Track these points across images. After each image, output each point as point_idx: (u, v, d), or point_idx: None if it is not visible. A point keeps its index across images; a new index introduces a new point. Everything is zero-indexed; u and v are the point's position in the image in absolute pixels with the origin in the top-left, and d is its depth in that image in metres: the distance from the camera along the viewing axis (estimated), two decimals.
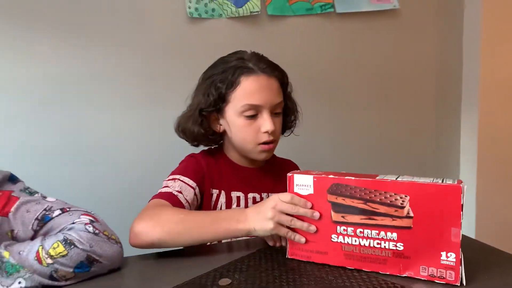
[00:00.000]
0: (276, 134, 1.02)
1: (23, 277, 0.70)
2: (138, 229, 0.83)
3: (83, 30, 1.51)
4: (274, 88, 1.00)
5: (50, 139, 1.51)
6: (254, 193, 1.06)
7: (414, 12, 1.87)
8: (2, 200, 0.77)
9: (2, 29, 1.44)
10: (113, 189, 1.56)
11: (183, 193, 0.96)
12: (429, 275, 0.69)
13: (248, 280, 0.72)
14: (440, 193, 0.67)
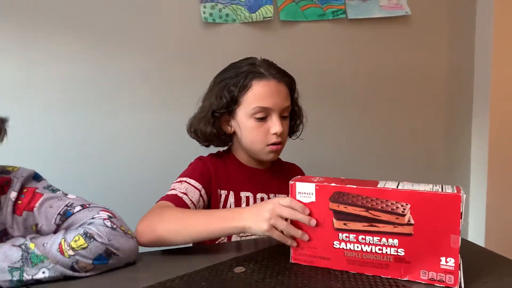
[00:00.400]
0: (284, 136, 1.08)
1: (46, 267, 0.74)
2: (140, 228, 0.89)
3: (98, 34, 1.55)
4: (283, 93, 1.05)
5: (61, 140, 1.56)
6: (262, 193, 1.10)
7: (425, 18, 1.87)
8: (28, 196, 0.83)
9: (13, 31, 1.48)
10: (122, 189, 1.60)
11: (188, 194, 1.01)
12: (429, 279, 0.71)
13: (261, 269, 0.79)
14: (440, 202, 0.68)
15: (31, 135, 1.51)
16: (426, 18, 1.87)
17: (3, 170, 0.85)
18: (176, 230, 0.88)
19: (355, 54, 1.82)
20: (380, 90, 1.88)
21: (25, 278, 0.73)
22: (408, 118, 1.94)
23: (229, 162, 1.12)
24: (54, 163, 1.53)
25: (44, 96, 1.53)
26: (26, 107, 1.51)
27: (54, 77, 1.53)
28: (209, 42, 1.65)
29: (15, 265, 0.73)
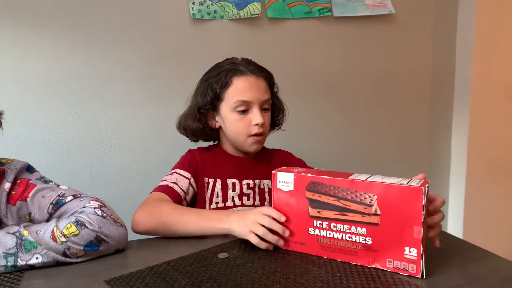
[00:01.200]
0: (266, 127, 1.15)
1: (40, 253, 0.79)
2: (137, 218, 1.00)
3: (89, 30, 1.59)
4: (261, 87, 1.14)
5: (62, 133, 1.60)
6: (248, 179, 1.19)
7: (409, 17, 1.93)
8: (21, 187, 0.87)
9: (5, 27, 1.51)
10: (112, 181, 1.65)
11: (178, 183, 1.12)
12: (394, 267, 0.77)
13: (244, 254, 0.86)
14: (403, 194, 0.74)
15: (23, 130, 1.55)
16: (409, 16, 1.93)
17: None
18: (170, 224, 0.98)
19: (341, 51, 1.87)
20: (365, 86, 1.93)
21: (19, 264, 0.78)
22: (392, 114, 2.00)
23: (217, 154, 1.21)
24: (46, 156, 1.57)
25: (36, 90, 1.56)
26: (17, 102, 1.54)
27: (45, 72, 1.56)
28: (197, 38, 1.69)
29: (10, 251, 0.78)
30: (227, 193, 1.17)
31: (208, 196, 1.17)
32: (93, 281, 0.76)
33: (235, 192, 1.17)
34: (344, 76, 1.90)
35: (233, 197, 1.17)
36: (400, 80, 1.98)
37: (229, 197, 1.17)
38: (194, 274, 0.77)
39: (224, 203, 1.17)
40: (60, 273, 0.79)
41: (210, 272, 0.78)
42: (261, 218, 0.88)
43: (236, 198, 1.17)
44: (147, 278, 0.76)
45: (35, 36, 1.54)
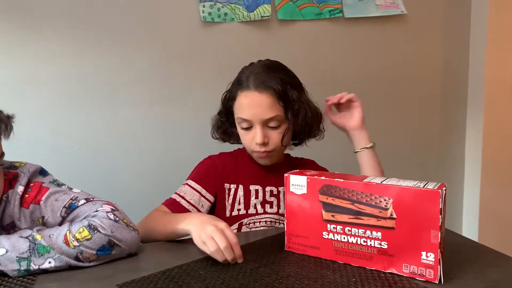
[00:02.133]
0: (272, 146, 1.07)
1: (52, 257, 0.79)
2: (138, 226, 0.98)
3: (99, 32, 1.60)
4: (264, 104, 1.03)
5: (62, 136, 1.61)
6: (271, 186, 1.15)
7: (421, 17, 1.90)
8: (34, 190, 0.87)
9: (15, 30, 1.53)
10: (121, 184, 1.66)
11: (185, 197, 1.10)
12: (410, 272, 0.75)
13: (256, 259, 0.85)
14: (420, 197, 0.72)
15: (33, 132, 1.56)
16: (421, 16, 1.91)
17: (10, 166, 0.89)
18: (151, 231, 0.99)
19: (352, 52, 1.86)
20: (376, 88, 1.91)
21: (32, 268, 0.78)
22: (403, 116, 1.97)
23: (241, 159, 1.17)
24: (55, 159, 1.58)
25: (46, 93, 1.57)
26: (28, 104, 1.56)
27: (55, 74, 1.57)
28: (208, 41, 1.69)
29: (23, 255, 0.78)
30: (249, 200, 1.14)
31: (229, 203, 1.13)
32: (106, 285, 0.76)
33: (258, 199, 1.14)
34: (355, 77, 1.88)
35: (256, 204, 1.14)
36: (412, 81, 1.96)
37: (252, 204, 1.14)
38: (207, 279, 0.76)
39: (246, 210, 1.13)
40: (73, 277, 0.79)
41: (223, 276, 0.77)
42: (218, 237, 0.82)
43: (258, 205, 1.14)
44: (159, 283, 0.75)
45: (47, 39, 1.55)
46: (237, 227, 1.13)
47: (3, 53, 1.52)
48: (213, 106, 1.20)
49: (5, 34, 1.51)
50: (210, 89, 1.68)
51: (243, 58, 1.73)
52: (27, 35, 1.54)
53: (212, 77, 1.71)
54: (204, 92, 1.71)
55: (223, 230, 0.84)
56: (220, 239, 0.82)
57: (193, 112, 1.71)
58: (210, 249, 0.82)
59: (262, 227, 1.13)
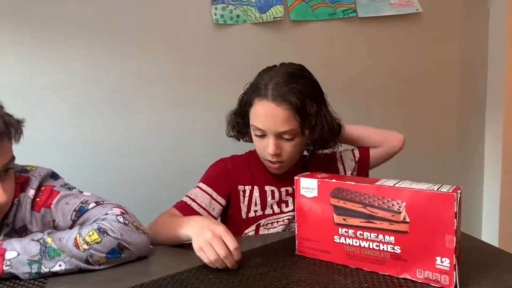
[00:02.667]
0: (284, 157, 1.05)
1: (63, 260, 0.79)
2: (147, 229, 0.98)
3: (114, 36, 1.61)
4: (279, 117, 1.00)
5: (87, 138, 1.62)
6: (286, 186, 1.13)
7: (437, 15, 1.86)
8: (45, 194, 0.88)
9: (37, 36, 1.55)
10: (136, 186, 1.66)
11: (196, 200, 1.09)
12: (425, 278, 0.73)
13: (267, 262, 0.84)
14: (434, 201, 0.70)
15: (50, 134, 1.58)
16: (437, 15, 1.86)
17: (22, 169, 0.90)
18: (157, 234, 0.98)
19: (366, 52, 1.83)
20: (392, 89, 1.88)
21: (43, 271, 0.79)
22: (420, 117, 1.93)
23: (254, 160, 1.16)
24: (71, 161, 1.59)
25: (62, 97, 1.59)
26: (44, 108, 1.57)
27: (71, 78, 1.59)
28: (220, 42, 1.69)
29: (34, 258, 0.78)
30: (265, 200, 1.13)
31: (245, 204, 1.13)
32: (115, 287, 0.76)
33: (274, 199, 1.13)
34: (370, 77, 1.85)
35: (272, 205, 1.13)
36: (429, 82, 1.91)
37: (268, 204, 1.12)
38: (216, 283, 0.75)
39: (263, 211, 1.12)
40: (83, 280, 0.79)
41: (232, 281, 0.76)
42: (216, 243, 0.80)
43: (275, 205, 1.13)
44: (168, 286, 0.75)
45: (63, 44, 1.57)
46: (254, 229, 1.12)
47: (21, 59, 1.54)
48: (225, 109, 1.19)
49: (23, 40, 1.54)
50: (223, 91, 1.68)
51: (256, 60, 1.72)
52: (46, 42, 1.56)
53: (224, 79, 1.71)
54: (217, 94, 1.70)
55: (222, 235, 0.82)
56: (219, 247, 0.79)
57: (206, 114, 1.71)
58: (210, 258, 0.79)
59: (280, 226, 1.11)
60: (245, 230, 1.13)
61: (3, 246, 0.78)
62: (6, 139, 0.77)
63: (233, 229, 1.11)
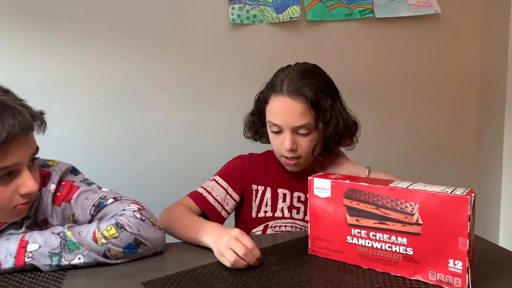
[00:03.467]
0: (300, 153, 1.06)
1: (82, 253, 0.82)
2: (159, 218, 1.05)
3: (134, 35, 1.64)
4: (295, 111, 1.02)
5: (107, 135, 1.66)
6: (300, 192, 1.14)
7: (456, 17, 1.84)
8: (66, 188, 0.91)
9: (58, 34, 1.59)
10: (153, 183, 1.69)
11: (212, 193, 1.11)
12: (437, 280, 0.73)
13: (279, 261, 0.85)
14: (447, 203, 0.70)
15: (71, 130, 1.62)
16: (457, 16, 1.84)
17: (44, 164, 0.93)
18: (173, 228, 1.02)
19: (383, 54, 1.82)
20: (410, 91, 1.87)
21: (62, 263, 0.81)
22: (437, 119, 1.92)
23: (271, 161, 1.17)
24: (88, 158, 1.63)
25: (81, 94, 1.63)
26: (63, 105, 1.61)
27: (90, 76, 1.63)
28: (237, 42, 1.71)
29: (54, 251, 0.81)
30: (277, 203, 1.14)
31: (256, 204, 1.14)
32: (131, 282, 0.78)
33: (285, 203, 1.14)
34: (386, 79, 1.84)
35: (283, 208, 1.13)
36: (447, 84, 1.90)
37: (279, 207, 1.13)
38: (229, 280, 0.77)
39: (272, 212, 1.13)
40: (100, 273, 0.82)
41: (245, 278, 0.77)
42: (234, 244, 0.82)
43: (285, 209, 1.13)
44: (182, 282, 0.76)
45: (83, 43, 1.61)
46: (262, 229, 1.13)
47: (41, 56, 1.58)
48: (242, 108, 1.20)
49: (44, 38, 1.58)
50: (239, 91, 1.70)
51: (272, 60, 1.73)
52: (67, 39, 1.60)
53: (241, 79, 1.72)
54: (233, 94, 1.72)
55: (238, 237, 0.84)
56: (238, 246, 0.82)
57: (222, 114, 1.73)
58: (229, 259, 0.81)
59: (287, 232, 1.12)
60: (253, 229, 1.14)
61: (25, 239, 0.81)
62: (31, 131, 0.80)
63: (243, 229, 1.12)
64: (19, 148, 0.77)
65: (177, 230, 1.01)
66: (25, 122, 0.76)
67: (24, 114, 0.76)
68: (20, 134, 0.76)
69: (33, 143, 0.82)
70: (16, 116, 0.75)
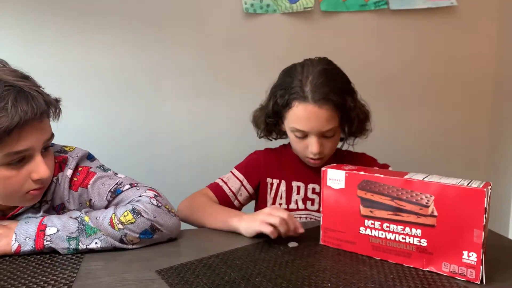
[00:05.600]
0: (325, 153, 1.08)
1: (99, 238, 0.84)
2: (179, 206, 1.11)
3: (149, 26, 1.65)
4: (323, 118, 1.02)
5: (119, 123, 1.68)
6: (314, 184, 1.15)
7: (473, 10, 1.81)
8: (82, 174, 0.92)
9: (72, 24, 1.60)
10: (165, 171, 1.71)
11: (228, 184, 1.15)
12: (450, 271, 0.74)
13: (291, 251, 0.86)
14: (463, 196, 0.70)
15: (83, 117, 1.64)
16: (473, 9, 1.82)
17: (61, 150, 0.94)
18: (200, 216, 1.05)
19: (398, 46, 1.81)
20: (423, 84, 1.85)
21: (80, 247, 0.83)
22: (450, 113, 1.90)
23: (285, 155, 1.19)
24: (102, 144, 1.64)
25: (95, 83, 1.64)
26: (78, 94, 1.63)
27: (105, 66, 1.64)
28: (250, 32, 1.70)
29: (72, 235, 0.82)
30: (291, 195, 1.15)
31: (271, 197, 1.17)
32: (146, 266, 0.79)
33: (300, 195, 1.15)
34: (400, 72, 1.83)
35: (297, 200, 1.15)
36: (461, 77, 1.88)
37: (293, 200, 1.15)
38: (243, 269, 0.77)
39: (287, 205, 1.15)
40: (117, 257, 0.83)
41: (258, 267, 0.78)
42: (276, 212, 0.89)
43: (300, 201, 1.15)
44: (197, 270, 0.77)
45: (97, 33, 1.62)
46: None
47: (58, 45, 1.60)
48: (255, 98, 1.20)
49: (60, 26, 1.59)
50: (252, 81, 1.70)
51: (285, 50, 1.74)
52: (80, 30, 1.61)
53: (254, 69, 1.72)
54: (246, 84, 1.72)
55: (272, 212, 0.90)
56: (280, 212, 0.89)
57: (235, 104, 1.73)
58: (273, 221, 0.87)
59: None
60: None
61: (43, 222, 0.83)
62: (46, 117, 0.81)
63: None
64: (32, 133, 0.77)
65: (203, 216, 1.03)
66: (38, 108, 0.76)
67: (38, 100, 0.77)
68: (33, 120, 0.76)
69: (47, 129, 0.82)
70: (30, 101, 0.75)
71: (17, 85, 0.76)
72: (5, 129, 0.72)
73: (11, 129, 0.73)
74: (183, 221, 1.04)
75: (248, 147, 1.23)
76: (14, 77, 0.77)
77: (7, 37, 1.56)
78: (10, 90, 0.74)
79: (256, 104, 1.20)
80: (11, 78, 0.76)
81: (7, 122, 0.72)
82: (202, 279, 0.73)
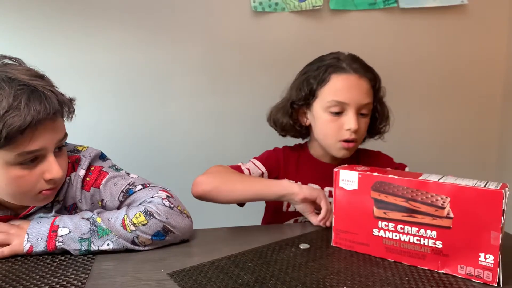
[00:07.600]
0: (359, 134, 1.06)
1: (111, 239, 0.83)
2: (200, 179, 1.03)
3: (156, 23, 1.64)
4: (363, 89, 1.03)
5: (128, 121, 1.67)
6: (331, 187, 1.12)
7: (484, 8, 1.79)
8: (95, 174, 0.92)
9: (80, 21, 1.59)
10: (175, 171, 1.70)
11: (250, 171, 1.11)
12: (466, 273, 0.73)
13: (303, 253, 0.85)
14: (480, 197, 0.69)
15: (95, 115, 1.63)
16: (485, 7, 1.79)
17: (74, 149, 0.94)
18: (230, 184, 1.02)
19: (407, 45, 1.79)
20: (433, 83, 1.84)
21: (92, 249, 0.83)
22: (461, 113, 1.88)
23: (303, 155, 1.17)
24: (113, 143, 1.64)
25: (104, 81, 1.64)
26: (88, 91, 1.63)
27: (113, 63, 1.63)
28: (258, 31, 1.69)
29: (84, 236, 0.82)
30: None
31: None
32: (158, 267, 0.79)
33: None
34: (410, 71, 1.81)
35: None
36: (471, 77, 1.86)
37: None
38: (256, 271, 0.76)
39: None
40: (129, 258, 0.83)
41: (272, 269, 0.77)
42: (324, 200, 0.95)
43: None
44: (209, 273, 0.76)
45: (104, 28, 1.61)
46: (292, 223, 1.14)
47: (67, 42, 1.59)
48: (263, 97, 1.20)
49: (70, 24, 1.59)
50: (261, 80, 1.69)
51: (294, 49, 1.72)
52: (89, 26, 1.60)
53: (262, 68, 1.71)
54: (255, 82, 1.71)
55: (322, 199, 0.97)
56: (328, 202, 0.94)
57: (243, 103, 1.72)
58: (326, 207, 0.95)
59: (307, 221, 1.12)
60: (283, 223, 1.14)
61: (55, 223, 0.83)
62: (59, 117, 0.81)
63: (273, 222, 1.14)
64: (45, 133, 0.77)
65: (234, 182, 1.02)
66: (51, 107, 0.76)
67: (51, 100, 0.76)
68: (46, 119, 0.76)
69: (60, 129, 0.82)
70: (43, 101, 0.75)
71: (30, 84, 0.75)
72: (17, 128, 0.72)
73: (23, 129, 0.73)
74: (204, 194, 1.02)
75: (258, 145, 1.23)
76: (28, 76, 0.77)
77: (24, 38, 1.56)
78: (24, 89, 0.74)
79: (265, 102, 1.19)
80: (26, 77, 0.76)
81: (20, 121, 0.72)
82: (216, 281, 0.73)
